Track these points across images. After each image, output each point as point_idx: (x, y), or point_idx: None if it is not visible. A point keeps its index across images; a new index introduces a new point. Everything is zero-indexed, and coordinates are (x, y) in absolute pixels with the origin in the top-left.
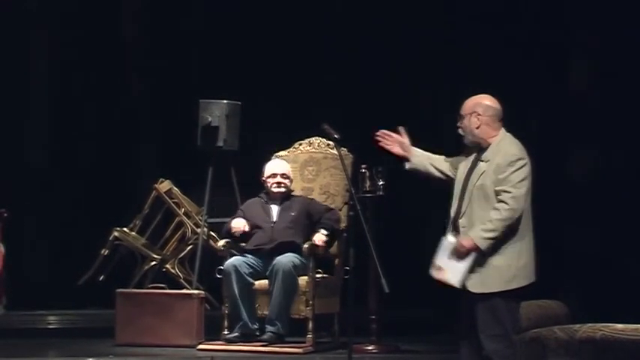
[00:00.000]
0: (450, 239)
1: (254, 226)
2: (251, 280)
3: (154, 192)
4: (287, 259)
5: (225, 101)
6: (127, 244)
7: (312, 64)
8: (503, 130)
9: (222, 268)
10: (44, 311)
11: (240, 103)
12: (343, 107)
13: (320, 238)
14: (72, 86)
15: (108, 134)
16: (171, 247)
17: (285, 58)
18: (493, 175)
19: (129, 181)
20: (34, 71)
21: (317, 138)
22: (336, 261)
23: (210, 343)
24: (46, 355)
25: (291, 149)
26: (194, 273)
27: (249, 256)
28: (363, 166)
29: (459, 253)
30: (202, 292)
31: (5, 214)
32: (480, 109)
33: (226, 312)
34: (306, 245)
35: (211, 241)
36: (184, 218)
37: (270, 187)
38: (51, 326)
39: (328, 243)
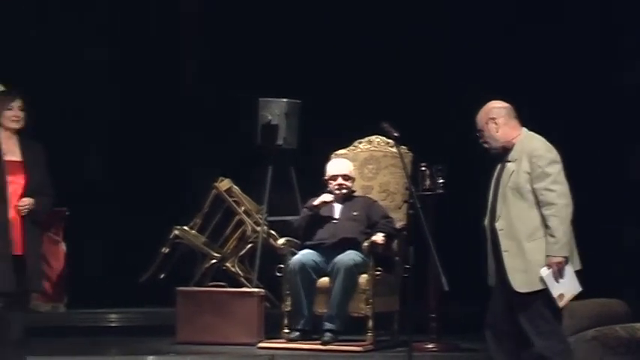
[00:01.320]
0: (544, 272)
1: (316, 222)
2: (315, 277)
3: (214, 190)
4: (348, 257)
5: (284, 100)
6: (187, 243)
7: (373, 63)
8: (524, 128)
9: (282, 266)
10: (105, 309)
11: (299, 101)
12: (403, 105)
13: (379, 237)
14: (133, 84)
15: (169, 133)
16: (231, 246)
17: (346, 57)
18: (524, 173)
19: (189, 179)
20: (91, 71)
21: (377, 136)
22: (396, 259)
23: (270, 341)
24: (107, 353)
25: (350, 147)
26: (254, 271)
27: (312, 251)
28: (423, 164)
29: (558, 273)
30: (262, 290)
31: (67, 213)
32: (493, 113)
33: (286, 310)
34: (366, 243)
35: (271, 240)
36: (244, 217)
37: (332, 188)
38: (112, 324)
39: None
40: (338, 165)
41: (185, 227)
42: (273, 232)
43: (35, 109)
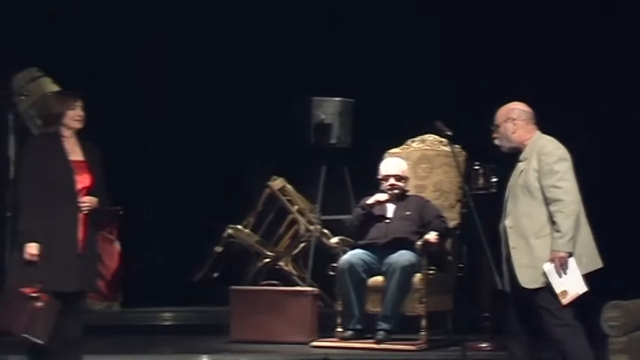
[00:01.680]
0: (547, 266)
1: (369, 221)
2: (365, 276)
3: (268, 190)
4: (404, 257)
5: (338, 99)
6: (240, 242)
7: (425, 62)
8: (538, 132)
9: (335, 265)
10: (159, 308)
11: (353, 100)
12: (457, 104)
13: (433, 236)
14: (186, 85)
15: (222, 132)
16: (284, 245)
17: (399, 56)
18: (533, 171)
19: (243, 178)
20: (148, 70)
21: (430, 135)
22: (449, 258)
23: (324, 340)
24: (162, 352)
25: (403, 146)
26: (307, 270)
27: (363, 251)
28: (477, 163)
29: (561, 268)
30: (316, 289)
31: (121, 212)
32: (515, 114)
33: (340, 309)
34: (419, 242)
35: (324, 238)
36: (298, 215)
37: (384, 188)
38: (166, 323)
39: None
40: (391, 165)
41: (239, 226)
42: (326, 231)
43: (91, 107)
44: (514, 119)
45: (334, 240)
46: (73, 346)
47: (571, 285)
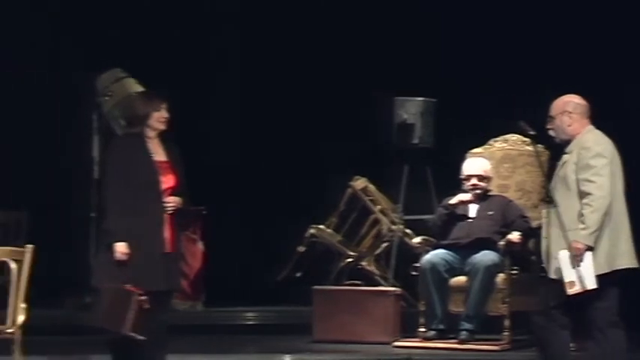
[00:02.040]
0: (562, 254)
1: (452, 221)
2: (447, 276)
3: (350, 189)
4: (487, 257)
5: (420, 98)
6: (323, 242)
7: (509, 61)
8: (590, 126)
9: (417, 265)
10: (242, 307)
11: (435, 100)
12: (540, 104)
13: (516, 235)
14: (266, 86)
15: (303, 131)
16: (367, 244)
17: (482, 55)
18: (573, 164)
19: (325, 178)
20: (224, 68)
21: (513, 135)
22: (532, 258)
23: (407, 340)
24: (245, 352)
25: (486, 146)
26: (390, 270)
27: (445, 251)
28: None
29: (577, 259)
30: (398, 288)
31: (204, 212)
32: (570, 107)
33: (422, 309)
34: (502, 242)
35: (407, 238)
36: (380, 215)
37: (467, 188)
38: (249, 323)
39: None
40: (473, 165)
41: (321, 226)
42: (408, 230)
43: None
44: (570, 112)
45: (417, 240)
46: (157, 345)
47: (580, 277)
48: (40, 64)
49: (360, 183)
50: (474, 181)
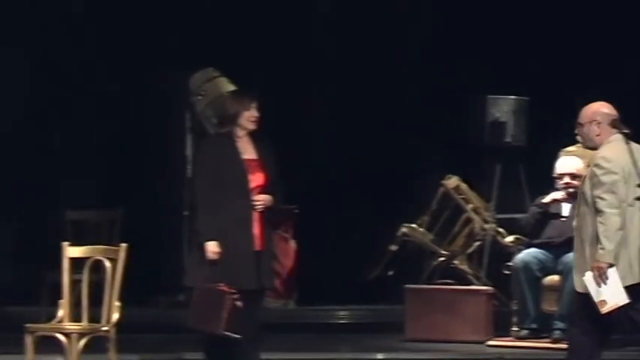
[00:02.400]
0: (587, 275)
1: (545, 220)
2: (539, 275)
3: (442, 188)
4: None
5: (513, 97)
6: (415, 240)
7: (602, 59)
8: (616, 135)
9: (510, 264)
10: (334, 306)
11: (527, 98)
12: (634, 101)
13: None
14: (360, 85)
15: (396, 130)
16: (459, 243)
17: (573, 53)
18: (588, 179)
19: (417, 177)
20: (321, 68)
21: None
22: None
23: (499, 339)
24: (337, 350)
25: (579, 145)
26: (482, 269)
27: (538, 250)
28: None
29: (600, 278)
30: (491, 287)
31: (296, 211)
32: (599, 117)
33: (515, 308)
34: None
35: (499, 237)
36: (472, 214)
37: (559, 187)
38: (341, 321)
39: None
40: (566, 163)
41: (413, 225)
42: (501, 229)
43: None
44: (599, 122)
45: (509, 239)
46: (250, 343)
47: (611, 295)
48: (134, 63)
49: (452, 182)
50: (566, 179)
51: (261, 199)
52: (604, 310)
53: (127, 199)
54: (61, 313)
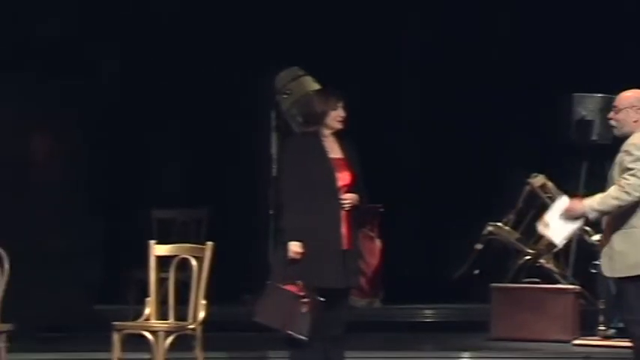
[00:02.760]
0: (564, 199)
1: None
2: None
3: (528, 187)
4: None
5: (599, 95)
6: (501, 239)
7: None
8: None
9: (596, 262)
10: (420, 305)
11: (614, 96)
12: None
13: None
14: (442, 82)
15: (482, 129)
16: (545, 242)
17: None
18: (618, 166)
19: (502, 176)
20: (404, 68)
21: None
22: None
23: (586, 338)
24: (422, 349)
25: None
26: (569, 267)
27: None
28: None
29: (568, 215)
30: (577, 286)
31: (381, 210)
32: (639, 102)
33: (602, 307)
34: None
35: (586, 236)
36: None
37: None
38: (426, 320)
39: None
40: None
41: (499, 223)
42: (587, 228)
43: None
44: (639, 108)
45: (596, 237)
46: (335, 341)
47: (556, 230)
48: (220, 62)
49: (538, 180)
50: None
51: (349, 198)
52: (540, 229)
53: (213, 198)
54: (147, 311)
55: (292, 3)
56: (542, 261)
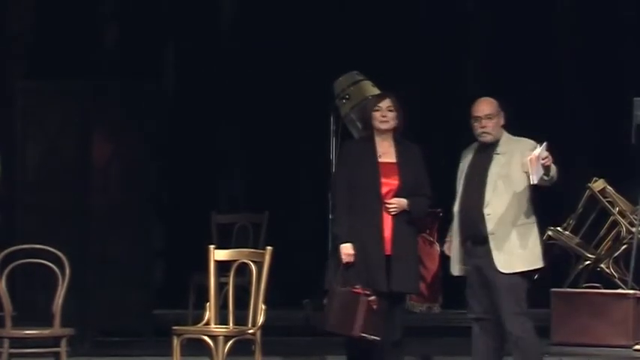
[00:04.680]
0: (545, 145)
1: None
2: None
3: (588, 191)
4: None
5: None
6: (560, 244)
7: None
8: None
9: None
10: None
11: None
12: None
13: None
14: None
15: (540, 131)
16: (605, 247)
17: None
18: (517, 163)
19: (562, 179)
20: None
21: None
22: None
23: None
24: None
25: None
26: (629, 273)
27: None
28: None
29: (542, 160)
30: (638, 291)
31: (441, 214)
32: (500, 108)
33: None
34: None
35: None
36: (618, 217)
37: None
38: None
39: None
40: None
41: (559, 228)
42: None
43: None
44: (502, 113)
45: None
46: (393, 346)
47: (536, 168)
48: (281, 67)
49: (598, 184)
50: None
51: (395, 203)
52: (530, 156)
53: (273, 202)
54: (207, 315)
55: (352, 7)
56: (602, 266)
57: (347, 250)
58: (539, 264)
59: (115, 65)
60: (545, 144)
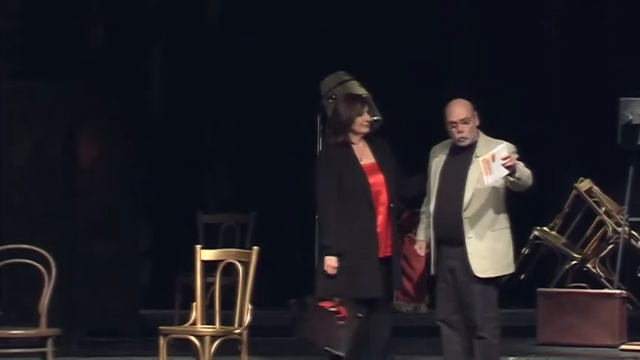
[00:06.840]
0: (505, 146)
1: None
2: None
3: (574, 191)
4: None
5: None
6: (547, 243)
7: None
8: None
9: None
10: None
11: None
12: None
13: None
14: (488, 87)
15: (529, 133)
16: (591, 247)
17: None
18: None
19: (548, 180)
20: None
21: None
22: None
23: (633, 343)
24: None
25: None
26: (615, 272)
27: None
28: None
29: (505, 162)
30: (624, 291)
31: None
32: (473, 109)
33: None
34: None
35: (632, 241)
36: (605, 217)
37: None
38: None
39: None
40: None
41: (545, 228)
42: (634, 232)
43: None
44: (476, 114)
45: None
46: (381, 349)
47: (494, 169)
48: (268, 67)
49: (584, 184)
50: None
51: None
52: (483, 157)
53: (260, 202)
54: (193, 315)
55: (339, 8)
56: (588, 266)
57: (332, 262)
58: (511, 269)
59: (101, 66)
60: (505, 144)
